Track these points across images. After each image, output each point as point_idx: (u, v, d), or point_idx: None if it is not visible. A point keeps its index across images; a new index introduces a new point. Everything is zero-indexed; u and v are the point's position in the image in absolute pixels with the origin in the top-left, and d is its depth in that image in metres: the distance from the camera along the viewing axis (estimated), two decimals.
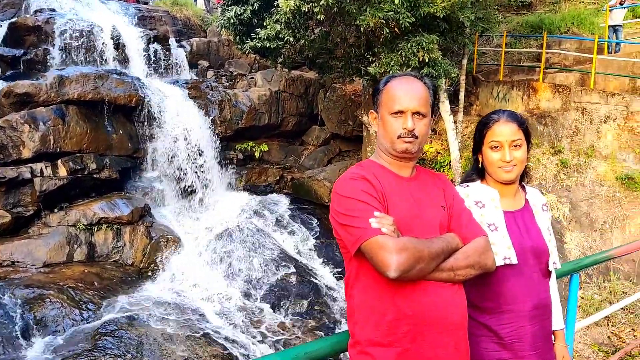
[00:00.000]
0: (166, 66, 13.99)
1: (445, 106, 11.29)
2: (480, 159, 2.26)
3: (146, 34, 13.84)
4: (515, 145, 2.15)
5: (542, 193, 9.72)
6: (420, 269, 1.73)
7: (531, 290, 2.10)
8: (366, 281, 1.83)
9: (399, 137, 1.92)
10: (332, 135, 14.33)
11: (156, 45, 13.82)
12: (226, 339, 7.95)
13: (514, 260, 2.08)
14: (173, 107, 11.56)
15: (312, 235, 11.05)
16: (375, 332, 1.79)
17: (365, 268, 1.81)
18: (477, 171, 2.30)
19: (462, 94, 12.30)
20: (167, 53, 14.05)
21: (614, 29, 14.38)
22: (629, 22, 15.55)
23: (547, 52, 13.08)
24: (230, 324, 8.46)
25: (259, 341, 8.18)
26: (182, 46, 15.13)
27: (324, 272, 10.22)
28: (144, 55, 13.47)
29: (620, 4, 14.36)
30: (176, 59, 14.44)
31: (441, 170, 11.88)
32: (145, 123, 11.24)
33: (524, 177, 2.32)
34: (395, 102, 1.92)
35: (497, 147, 2.16)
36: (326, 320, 8.90)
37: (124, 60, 13.01)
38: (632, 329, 8.38)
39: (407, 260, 1.69)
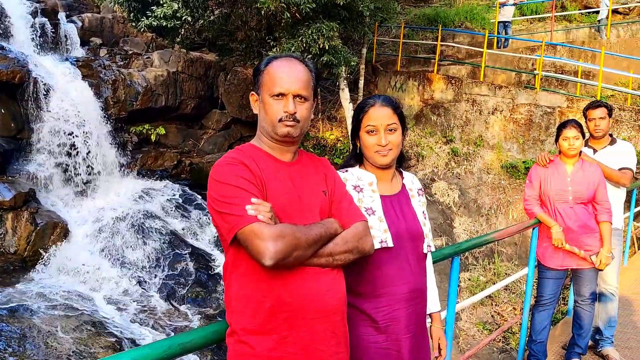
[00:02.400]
0: (55, 42, 13.09)
1: (345, 94, 11.45)
2: (358, 144, 2.27)
3: (32, 7, 12.86)
4: (391, 130, 2.18)
5: (434, 180, 10.14)
6: (297, 256, 1.71)
7: (407, 273, 2.13)
8: (244, 269, 1.78)
9: (280, 120, 1.87)
10: (233, 119, 14.10)
11: (43, 19, 12.88)
12: (118, 329, 7.64)
13: (390, 244, 2.10)
14: (62, 86, 10.85)
15: (211, 222, 10.85)
16: (253, 321, 1.75)
17: (242, 256, 1.76)
18: (355, 156, 2.31)
19: (361, 83, 12.53)
20: (55, 28, 13.15)
21: (504, 24, 15.22)
22: (517, 19, 16.53)
23: (441, 45, 13.60)
24: (122, 314, 8.14)
25: (153, 328, 7.94)
26: (72, 21, 14.22)
27: (222, 259, 10.09)
28: (30, 30, 12.51)
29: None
30: (66, 35, 13.54)
31: (341, 157, 12.07)
32: (31, 102, 10.47)
33: (402, 162, 2.36)
34: (276, 84, 1.87)
35: (373, 131, 2.18)
36: (224, 307, 8.79)
37: (6, 34, 12.01)
38: (513, 308, 8.99)
39: (283, 247, 1.66)
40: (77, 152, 10.66)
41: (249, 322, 1.76)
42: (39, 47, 12.58)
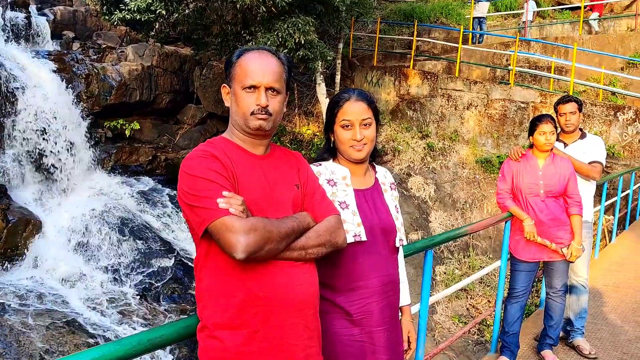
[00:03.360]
0: (26, 35, 12.83)
1: (321, 89, 11.45)
2: (332, 138, 2.27)
3: None
4: (366, 124, 2.19)
5: (410, 175, 10.19)
6: (270, 249, 1.70)
7: (380, 266, 2.15)
8: (215, 263, 1.76)
9: (252, 113, 1.85)
10: (209, 114, 14.02)
11: (14, 12, 12.62)
12: (92, 326, 7.56)
13: (364, 238, 2.11)
14: (33, 80, 10.65)
15: None
16: (224, 315, 1.73)
17: (214, 250, 1.75)
18: (329, 150, 2.31)
19: (338, 77, 12.53)
20: (27, 21, 12.89)
21: (479, 20, 15.35)
22: (492, 15, 16.68)
23: (417, 40, 13.66)
24: (96, 312, 8.05)
25: (127, 325, 7.87)
26: (44, 14, 13.99)
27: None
28: (0, 23, 12.26)
29: None
30: (37, 28, 13.29)
31: (318, 152, 12.08)
32: (1, 96, 10.26)
33: (374, 156, 2.37)
34: (248, 76, 1.85)
35: (348, 125, 2.18)
36: None
37: None
38: (488, 300, 9.10)
39: (255, 241, 1.65)
40: (50, 148, 10.48)
41: (220, 316, 1.74)
42: (9, 40, 12.31)
